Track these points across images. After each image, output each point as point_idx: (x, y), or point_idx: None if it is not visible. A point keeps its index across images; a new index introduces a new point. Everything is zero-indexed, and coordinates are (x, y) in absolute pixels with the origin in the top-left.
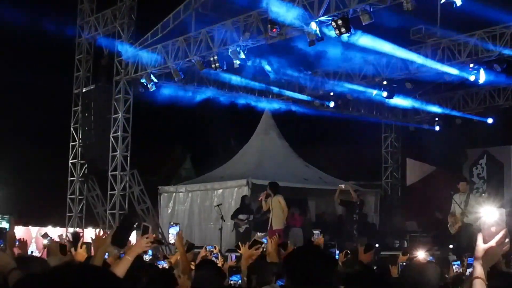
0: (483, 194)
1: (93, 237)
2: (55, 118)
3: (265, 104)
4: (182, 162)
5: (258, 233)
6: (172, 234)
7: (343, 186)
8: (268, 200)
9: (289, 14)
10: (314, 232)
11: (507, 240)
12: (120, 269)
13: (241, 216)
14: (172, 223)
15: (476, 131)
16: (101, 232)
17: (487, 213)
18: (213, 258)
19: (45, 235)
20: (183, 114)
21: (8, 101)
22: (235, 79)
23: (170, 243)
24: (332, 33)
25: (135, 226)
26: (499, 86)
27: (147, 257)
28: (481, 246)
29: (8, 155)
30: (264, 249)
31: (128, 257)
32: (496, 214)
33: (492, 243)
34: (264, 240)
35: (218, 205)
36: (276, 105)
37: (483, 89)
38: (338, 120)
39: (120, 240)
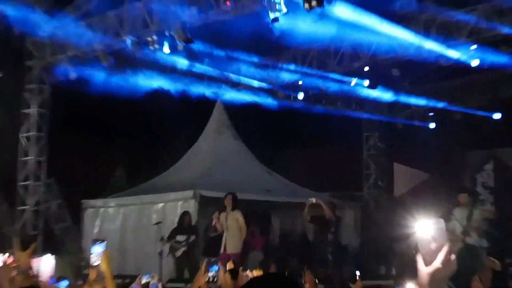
0: (490, 208)
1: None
2: None
3: (217, 95)
4: (113, 170)
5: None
6: (96, 254)
7: (313, 200)
8: (222, 216)
9: None
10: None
11: (453, 257)
12: None
13: (178, 238)
14: (95, 240)
15: (479, 129)
16: (10, 259)
17: (421, 228)
18: None
19: None
20: (114, 109)
21: None
22: (181, 64)
23: (93, 266)
24: (301, 3)
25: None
26: (507, 73)
27: None
28: (423, 270)
29: None
30: (215, 279)
31: None
32: (431, 227)
33: (437, 264)
34: (215, 267)
35: (157, 223)
36: (231, 96)
37: (488, 77)
38: (309, 115)
39: None
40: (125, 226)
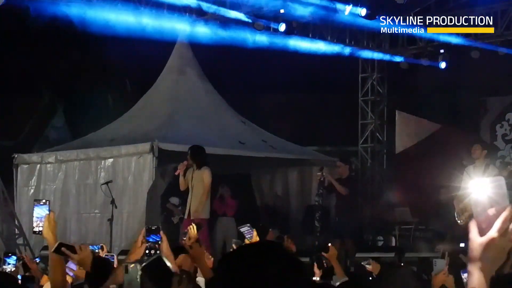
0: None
1: None
2: None
3: (179, 28)
4: (50, 117)
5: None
6: (38, 218)
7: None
8: (187, 175)
9: None
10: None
11: None
12: None
13: (173, 200)
14: (38, 201)
15: (502, 70)
16: None
17: (477, 188)
18: None
19: None
20: (52, 43)
21: None
22: None
23: (36, 232)
24: None
25: None
26: None
27: (9, 267)
28: (476, 240)
29: None
30: (156, 252)
31: None
32: (489, 187)
33: (493, 233)
34: (156, 237)
35: (106, 183)
36: (196, 28)
37: None
38: (292, 52)
39: None
40: (67, 187)
